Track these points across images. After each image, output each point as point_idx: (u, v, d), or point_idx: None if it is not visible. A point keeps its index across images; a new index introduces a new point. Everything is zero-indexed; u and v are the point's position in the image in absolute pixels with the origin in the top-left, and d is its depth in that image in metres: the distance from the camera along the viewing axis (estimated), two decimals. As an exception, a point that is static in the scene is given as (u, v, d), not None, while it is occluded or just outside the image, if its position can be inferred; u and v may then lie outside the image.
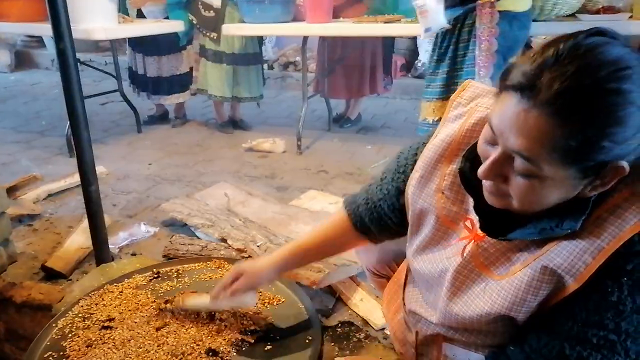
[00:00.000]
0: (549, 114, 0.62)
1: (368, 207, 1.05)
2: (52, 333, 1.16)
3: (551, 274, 0.73)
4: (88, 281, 1.49)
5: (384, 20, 2.95)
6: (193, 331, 1.14)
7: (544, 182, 0.68)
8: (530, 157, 0.66)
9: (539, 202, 0.71)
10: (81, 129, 1.61)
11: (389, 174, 1.03)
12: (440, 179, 0.89)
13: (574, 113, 0.61)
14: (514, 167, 0.69)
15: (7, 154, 3.42)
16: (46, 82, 5.86)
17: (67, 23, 1.51)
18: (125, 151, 3.50)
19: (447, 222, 0.89)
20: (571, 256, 0.71)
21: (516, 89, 0.65)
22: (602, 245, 0.69)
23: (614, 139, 0.62)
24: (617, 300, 0.69)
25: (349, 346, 1.50)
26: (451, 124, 0.91)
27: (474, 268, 0.84)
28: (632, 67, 0.62)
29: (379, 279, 1.33)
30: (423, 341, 1.01)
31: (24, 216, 2.39)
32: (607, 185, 0.68)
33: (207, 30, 3.57)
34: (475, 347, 0.90)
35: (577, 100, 0.61)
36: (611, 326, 0.70)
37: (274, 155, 3.35)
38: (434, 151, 0.91)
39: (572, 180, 0.67)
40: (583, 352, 0.72)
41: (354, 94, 3.88)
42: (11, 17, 3.30)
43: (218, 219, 2.16)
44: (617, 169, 0.66)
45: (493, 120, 0.70)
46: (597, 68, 0.61)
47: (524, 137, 0.65)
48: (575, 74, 0.61)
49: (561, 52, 0.63)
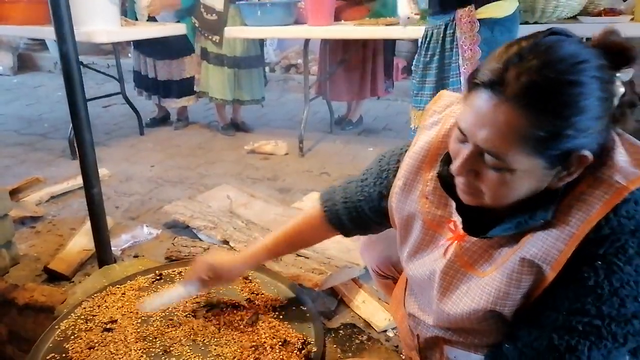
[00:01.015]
0: (518, 107, 0.67)
1: (347, 207, 1.08)
2: (55, 335, 1.16)
3: (529, 265, 0.75)
4: (90, 283, 1.50)
5: (385, 23, 2.96)
6: (193, 332, 1.14)
7: (514, 174, 0.71)
8: (500, 151, 0.69)
9: (510, 194, 0.74)
10: (84, 131, 1.62)
11: (370, 177, 1.05)
12: (423, 185, 0.92)
13: (542, 105, 0.66)
14: (485, 161, 0.72)
15: (10, 156, 3.43)
16: (49, 85, 5.88)
17: (69, 25, 1.52)
18: (128, 153, 3.50)
19: (433, 226, 0.91)
20: (545, 245, 0.74)
21: (486, 86, 0.70)
22: (572, 232, 0.72)
23: (577, 127, 0.67)
24: (595, 285, 0.71)
25: (351, 348, 1.50)
26: (428, 131, 0.94)
27: (459, 268, 0.86)
28: (588, 60, 0.67)
29: (384, 280, 1.33)
30: (425, 345, 1.02)
31: (26, 218, 2.40)
32: (573, 174, 0.72)
33: (209, 34, 3.58)
34: (475, 348, 0.91)
35: (544, 93, 0.66)
36: (593, 311, 0.72)
37: (276, 158, 3.35)
38: (414, 159, 0.94)
39: (540, 171, 0.71)
40: (571, 340, 0.73)
41: (355, 97, 3.89)
42: (14, 20, 3.32)
43: (220, 221, 2.17)
44: (581, 158, 0.70)
45: (463, 119, 0.74)
46: (559, 62, 0.66)
47: (494, 132, 0.69)
48: (539, 68, 0.66)
49: (524, 50, 0.68)
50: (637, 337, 0.73)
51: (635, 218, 0.70)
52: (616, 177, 0.71)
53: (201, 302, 1.26)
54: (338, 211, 1.10)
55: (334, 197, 1.12)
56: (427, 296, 0.94)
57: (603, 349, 0.72)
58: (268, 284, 1.34)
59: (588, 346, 0.72)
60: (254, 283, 1.34)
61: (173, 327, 1.17)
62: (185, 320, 1.19)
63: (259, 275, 1.37)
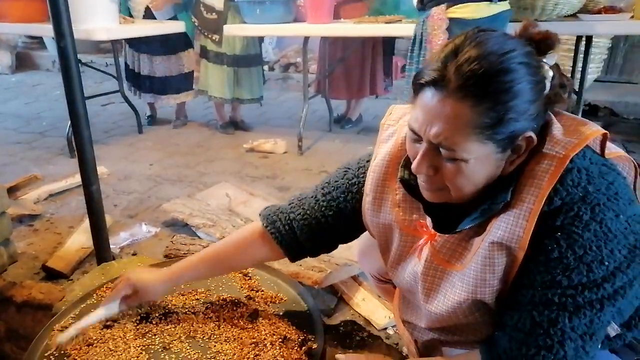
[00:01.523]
0: (462, 98, 0.72)
1: (307, 224, 1.05)
2: (53, 332, 1.15)
3: (499, 248, 0.78)
4: (89, 280, 1.49)
5: (384, 21, 2.96)
6: (193, 329, 1.14)
7: (469, 163, 0.75)
8: (453, 142, 0.74)
9: (469, 183, 0.78)
10: (82, 128, 1.61)
11: (336, 191, 1.03)
12: (392, 195, 0.94)
13: (481, 93, 0.71)
14: (442, 155, 0.76)
15: (8, 154, 3.42)
16: (47, 83, 5.87)
17: (68, 21, 1.51)
18: (127, 152, 3.49)
19: (411, 231, 0.93)
20: (509, 225, 0.77)
21: (429, 84, 0.75)
22: (529, 207, 0.75)
23: (516, 110, 0.72)
24: (560, 256, 0.74)
25: (351, 345, 1.50)
26: (385, 144, 0.97)
27: (437, 266, 0.88)
28: (514, 49, 0.73)
29: (383, 285, 1.32)
30: (423, 349, 1.03)
31: (24, 216, 2.39)
32: (522, 157, 0.77)
33: (208, 32, 3.57)
34: (472, 345, 0.91)
35: (481, 82, 0.71)
36: (565, 282, 0.74)
37: (275, 156, 3.34)
38: (377, 172, 0.95)
39: (493, 156, 0.75)
40: (551, 314, 0.75)
41: (354, 95, 3.88)
42: (12, 18, 3.31)
43: (219, 219, 2.16)
44: (528, 139, 0.75)
45: (414, 120, 0.78)
46: (490, 54, 0.72)
47: (444, 125, 0.73)
48: (475, 59, 0.71)
49: (457, 47, 0.74)
50: (613, 301, 0.74)
51: (581, 185, 0.74)
52: (556, 148, 0.76)
53: (201, 299, 1.25)
54: (293, 229, 1.06)
55: (284, 216, 1.07)
56: (416, 300, 0.96)
57: (583, 317, 0.74)
58: (268, 281, 1.33)
59: (568, 317, 0.74)
60: (253, 280, 1.33)
61: (172, 324, 1.16)
62: (184, 317, 1.18)
63: (259, 272, 1.36)
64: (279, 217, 1.08)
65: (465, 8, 2.17)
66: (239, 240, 1.13)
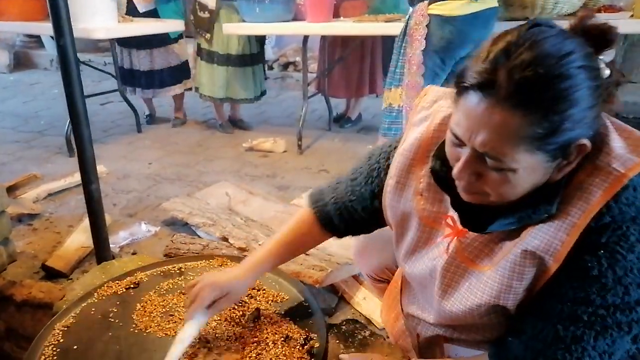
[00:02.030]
0: (512, 107, 0.66)
1: (337, 207, 1.06)
2: (54, 331, 1.14)
3: (532, 257, 0.74)
4: (89, 279, 1.48)
5: (384, 20, 2.95)
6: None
7: (517, 173, 0.70)
8: (500, 153, 0.69)
9: (514, 191, 0.74)
10: (82, 126, 1.60)
11: (360, 176, 1.03)
12: (416, 182, 0.91)
13: (535, 102, 0.65)
14: (486, 163, 0.72)
15: (6, 153, 3.41)
16: (45, 82, 5.85)
17: (67, 19, 1.50)
18: (126, 151, 3.49)
19: (430, 223, 0.90)
20: (547, 236, 0.73)
21: (475, 89, 0.68)
22: (573, 221, 0.71)
23: (573, 119, 0.66)
24: (599, 274, 0.71)
25: (354, 344, 1.49)
26: (417, 127, 0.93)
27: (460, 264, 0.85)
28: (573, 51, 0.67)
29: (379, 284, 1.32)
30: (425, 344, 1.01)
31: (23, 215, 2.38)
32: (573, 163, 0.72)
33: (202, 31, 3.57)
34: (477, 344, 0.90)
35: (536, 90, 0.65)
36: (598, 301, 0.72)
37: (275, 155, 3.34)
38: (405, 156, 0.92)
39: (542, 165, 0.70)
40: (577, 331, 0.73)
41: (353, 94, 3.88)
42: (10, 16, 3.29)
43: (219, 218, 2.15)
44: (580, 147, 0.70)
45: (457, 125, 0.73)
46: (546, 57, 0.65)
47: (491, 134, 0.68)
48: (528, 66, 0.65)
49: (509, 48, 0.67)
50: None
51: (635, 205, 0.70)
52: (614, 164, 0.71)
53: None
54: (329, 212, 1.07)
55: (324, 197, 1.09)
56: (427, 294, 0.93)
57: (608, 337, 0.72)
58: (269, 280, 1.32)
59: (594, 336, 0.72)
60: (255, 279, 1.32)
61: (174, 323, 1.16)
62: (186, 316, 1.18)
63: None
64: (321, 198, 1.09)
65: (444, 5, 2.22)
66: (296, 225, 1.12)
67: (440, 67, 2.36)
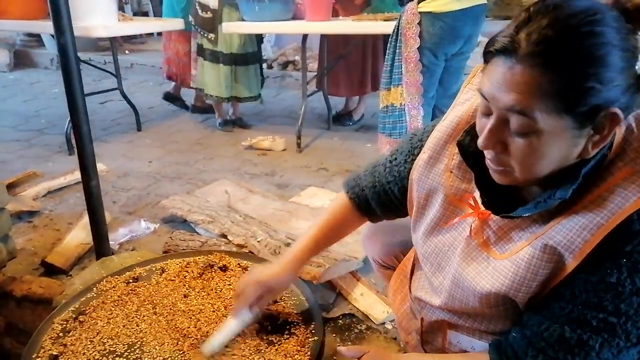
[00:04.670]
0: (532, 65, 0.65)
1: (376, 191, 1.06)
2: (53, 326, 1.15)
3: (551, 252, 0.73)
4: (89, 274, 1.49)
5: (383, 18, 2.96)
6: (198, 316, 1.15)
7: (542, 137, 0.68)
8: (523, 110, 0.67)
9: (540, 163, 0.71)
10: (82, 124, 1.61)
11: (400, 156, 1.03)
12: (448, 158, 0.91)
13: (554, 58, 0.64)
14: (511, 129, 0.70)
15: (7, 152, 3.42)
16: (45, 81, 5.86)
17: (68, 17, 1.51)
18: (125, 149, 3.49)
19: (455, 201, 0.90)
20: (571, 233, 0.71)
21: (499, 52, 0.69)
22: (601, 222, 0.69)
23: (599, 79, 0.64)
24: (616, 282, 0.69)
25: (350, 337, 1.50)
26: (460, 106, 0.93)
27: (476, 246, 0.84)
28: (602, 11, 0.65)
29: (385, 270, 1.32)
30: (428, 328, 1.01)
31: (23, 213, 2.39)
32: (607, 138, 0.69)
33: (204, 31, 3.57)
34: (479, 334, 0.90)
35: (555, 47, 0.64)
36: (610, 308, 0.70)
37: (274, 153, 3.35)
38: (442, 132, 0.92)
39: (569, 132, 0.68)
40: (583, 335, 0.72)
41: (355, 92, 3.89)
42: (10, 15, 3.30)
43: (218, 215, 2.16)
44: (612, 117, 0.66)
45: (483, 87, 0.72)
46: (569, 17, 0.65)
47: (513, 93, 0.67)
48: (549, 25, 0.65)
49: (533, 12, 0.67)
50: None
51: None
52: None
53: (201, 293, 1.26)
54: (366, 196, 1.07)
55: (360, 183, 1.09)
56: (441, 275, 0.92)
57: (614, 347, 0.71)
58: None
59: (600, 342, 0.71)
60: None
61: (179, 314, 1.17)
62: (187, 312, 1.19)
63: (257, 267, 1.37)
64: (357, 183, 1.10)
65: (434, 2, 2.25)
66: (335, 212, 1.13)
67: (435, 62, 2.40)
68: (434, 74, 2.43)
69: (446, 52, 2.39)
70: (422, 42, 2.32)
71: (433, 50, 2.35)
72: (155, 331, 1.12)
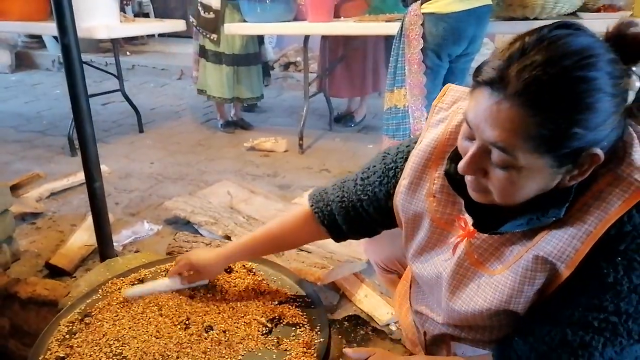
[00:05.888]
0: (519, 105, 0.65)
1: (343, 206, 1.05)
2: (59, 328, 1.16)
3: (543, 263, 0.74)
4: (94, 276, 1.49)
5: (385, 20, 2.96)
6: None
7: (521, 173, 0.69)
8: (505, 147, 0.68)
9: (518, 193, 0.73)
10: (85, 125, 1.61)
11: (373, 175, 1.02)
12: (429, 183, 0.91)
13: (543, 102, 0.64)
14: (491, 160, 0.71)
15: (9, 153, 3.42)
16: (47, 82, 5.86)
17: (71, 17, 1.51)
18: (128, 150, 3.50)
19: (441, 224, 0.90)
20: (560, 243, 0.72)
21: (487, 84, 0.68)
22: (589, 230, 0.70)
23: (585, 126, 0.64)
24: (614, 281, 0.70)
25: (356, 339, 1.50)
26: (434, 128, 0.93)
27: (469, 266, 0.85)
28: (597, 54, 0.64)
29: (388, 275, 1.32)
30: (432, 341, 1.02)
31: (27, 214, 2.39)
32: (585, 173, 0.70)
33: (207, 32, 3.57)
34: (483, 344, 0.91)
35: (545, 90, 0.63)
36: (611, 308, 0.71)
37: (276, 154, 3.35)
38: (420, 157, 0.92)
39: (548, 169, 0.69)
40: (585, 336, 0.73)
41: (356, 93, 3.89)
42: (12, 16, 3.31)
43: (221, 217, 2.16)
44: (592, 157, 0.67)
45: (468, 115, 0.72)
46: (562, 58, 0.63)
47: (498, 129, 0.67)
48: (541, 64, 0.63)
49: (527, 46, 0.66)
50: None
51: None
52: (636, 175, 0.69)
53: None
54: (332, 211, 1.06)
55: (326, 197, 1.08)
56: (436, 295, 0.93)
57: (617, 345, 0.72)
58: (272, 276, 1.34)
59: (602, 342, 0.72)
60: (257, 275, 1.34)
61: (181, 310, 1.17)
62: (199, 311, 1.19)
63: (263, 268, 1.37)
64: (322, 198, 1.10)
65: (437, 3, 2.26)
66: (288, 220, 1.15)
67: (439, 64, 2.39)
68: (437, 76, 2.42)
69: (450, 53, 2.39)
70: (425, 43, 2.32)
71: (436, 51, 2.34)
72: (160, 333, 1.12)
